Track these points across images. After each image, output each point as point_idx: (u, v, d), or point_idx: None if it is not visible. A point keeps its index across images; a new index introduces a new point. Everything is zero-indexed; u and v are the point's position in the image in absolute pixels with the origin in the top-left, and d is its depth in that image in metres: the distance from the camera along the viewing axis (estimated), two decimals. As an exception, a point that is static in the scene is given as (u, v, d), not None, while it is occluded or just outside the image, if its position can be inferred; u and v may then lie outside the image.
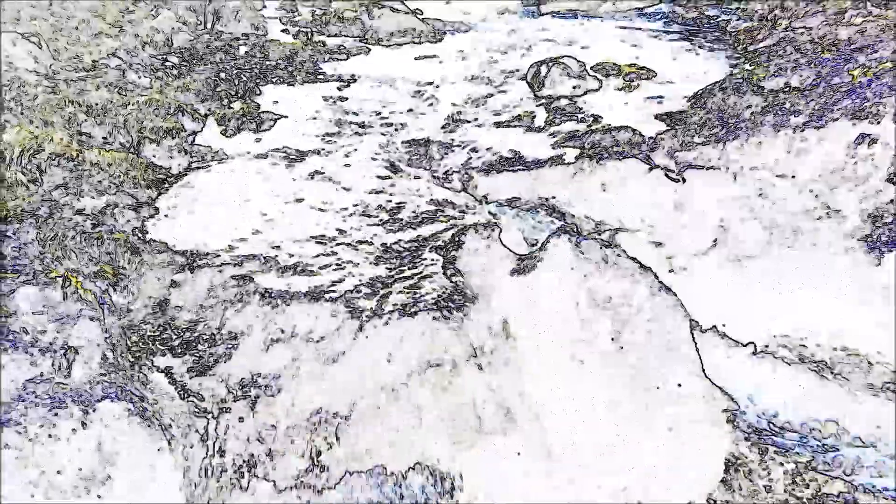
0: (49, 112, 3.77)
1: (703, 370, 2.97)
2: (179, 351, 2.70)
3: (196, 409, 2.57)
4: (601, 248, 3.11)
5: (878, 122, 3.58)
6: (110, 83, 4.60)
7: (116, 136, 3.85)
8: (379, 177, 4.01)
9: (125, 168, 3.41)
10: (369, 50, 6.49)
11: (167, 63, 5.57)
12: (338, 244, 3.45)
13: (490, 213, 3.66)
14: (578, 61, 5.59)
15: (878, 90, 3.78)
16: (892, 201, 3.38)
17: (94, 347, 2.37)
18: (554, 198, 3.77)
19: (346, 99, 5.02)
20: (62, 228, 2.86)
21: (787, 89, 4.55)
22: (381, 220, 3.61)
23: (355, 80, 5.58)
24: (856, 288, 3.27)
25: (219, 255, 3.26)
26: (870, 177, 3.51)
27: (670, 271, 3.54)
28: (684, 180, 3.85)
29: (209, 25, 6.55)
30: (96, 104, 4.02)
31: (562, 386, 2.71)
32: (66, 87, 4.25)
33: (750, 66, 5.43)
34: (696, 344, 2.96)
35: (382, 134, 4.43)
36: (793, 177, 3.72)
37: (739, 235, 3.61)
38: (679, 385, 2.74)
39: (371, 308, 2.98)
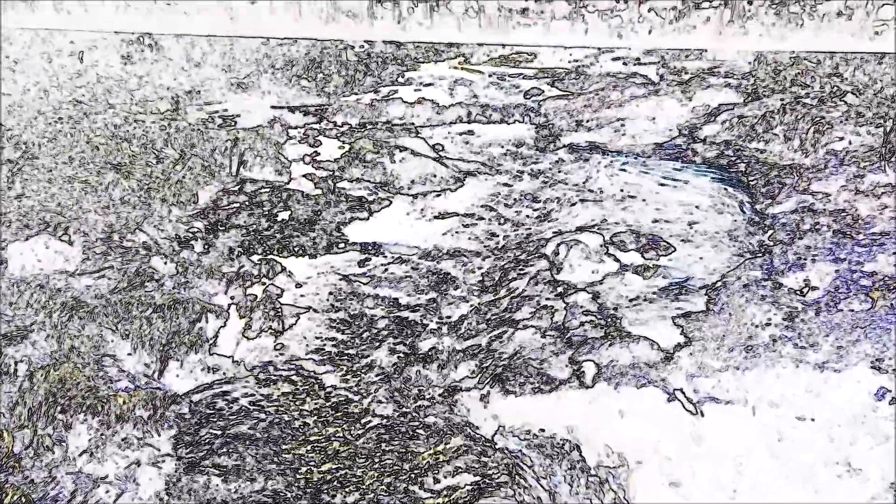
0: (75, 334, 3.86)
1: None
2: None
3: None
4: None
5: (900, 380, 3.57)
6: (136, 272, 4.69)
7: (141, 355, 3.93)
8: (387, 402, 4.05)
9: (149, 413, 3.47)
10: (391, 202, 6.59)
11: (192, 229, 5.67)
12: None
13: (509, 450, 3.68)
14: (599, 233, 5.64)
15: (900, 339, 3.77)
16: (913, 473, 3.36)
17: None
18: (577, 430, 3.80)
19: (366, 281, 5.08)
20: (86, 511, 2.92)
21: (805, 289, 4.55)
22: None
23: (376, 251, 5.65)
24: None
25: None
26: (892, 438, 3.49)
27: (687, 519, 3.54)
28: (703, 414, 3.85)
29: (234, 171, 6.68)
30: (122, 314, 4.10)
31: None
32: (92, 295, 4.35)
33: (770, 240, 5.44)
34: None
35: (395, 338, 4.48)
36: (812, 420, 3.71)
37: (756, 485, 3.60)
38: None
39: None
